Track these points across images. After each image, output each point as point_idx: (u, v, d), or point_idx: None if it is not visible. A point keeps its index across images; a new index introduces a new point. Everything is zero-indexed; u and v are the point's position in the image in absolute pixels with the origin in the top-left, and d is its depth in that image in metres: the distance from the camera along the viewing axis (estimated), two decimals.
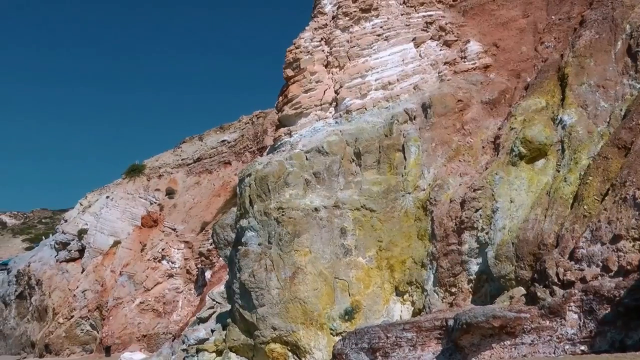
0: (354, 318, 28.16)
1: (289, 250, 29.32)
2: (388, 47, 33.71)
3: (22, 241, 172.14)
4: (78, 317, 77.34)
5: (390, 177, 30.02)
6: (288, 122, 34.01)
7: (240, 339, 30.89)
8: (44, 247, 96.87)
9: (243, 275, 30.08)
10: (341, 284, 28.80)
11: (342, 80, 33.39)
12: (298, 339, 28.63)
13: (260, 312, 29.42)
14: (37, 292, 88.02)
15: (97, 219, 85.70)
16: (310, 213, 29.70)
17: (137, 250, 77.00)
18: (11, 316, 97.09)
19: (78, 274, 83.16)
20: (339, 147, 30.82)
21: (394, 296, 28.72)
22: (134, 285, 72.72)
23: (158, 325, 69.09)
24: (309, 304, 28.54)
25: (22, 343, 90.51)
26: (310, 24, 35.78)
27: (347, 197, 29.85)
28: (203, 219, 73.13)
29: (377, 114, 32.01)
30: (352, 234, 29.36)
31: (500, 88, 31.14)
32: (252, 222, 30.76)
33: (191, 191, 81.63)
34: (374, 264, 28.96)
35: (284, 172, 30.65)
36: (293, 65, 34.43)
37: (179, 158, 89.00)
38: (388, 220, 29.31)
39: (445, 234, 27.56)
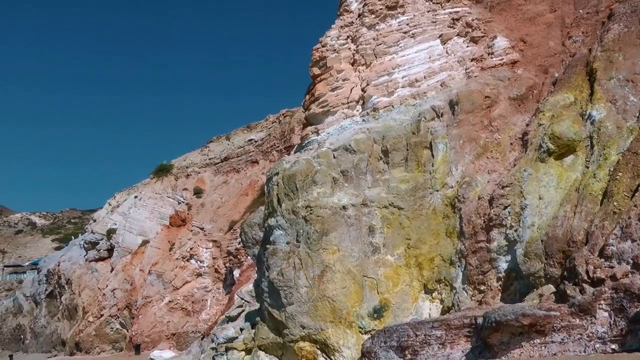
0: (383, 316, 28.08)
1: (317, 249, 29.28)
2: (414, 44, 33.59)
3: (52, 241, 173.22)
4: (108, 315, 77.75)
5: (418, 174, 29.90)
6: (315, 121, 33.97)
7: (269, 338, 30.88)
8: (74, 246, 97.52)
9: (271, 274, 30.07)
10: (370, 282, 28.72)
11: (368, 78, 33.31)
12: (327, 337, 28.57)
13: (289, 310, 29.40)
14: (67, 291, 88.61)
15: (125, 219, 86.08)
16: (338, 211, 29.64)
17: (165, 249, 77.24)
18: (42, 315, 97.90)
19: (107, 273, 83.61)
20: (366, 145, 30.74)
21: (422, 294, 28.61)
22: (163, 284, 72.94)
23: (187, 323, 69.27)
24: (337, 303, 28.49)
25: (53, 341, 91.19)
26: (336, 22, 35.72)
27: (375, 195, 29.76)
28: (231, 218, 73.21)
29: (404, 112, 31.90)
30: (380, 232, 29.26)
31: (527, 84, 30.94)
32: (280, 221, 30.74)
33: (219, 190, 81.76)
34: (403, 262, 28.85)
35: (311, 170, 30.61)
36: (319, 63, 34.38)
37: (206, 157, 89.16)
38: (416, 218, 29.20)
39: (473, 232, 27.41)
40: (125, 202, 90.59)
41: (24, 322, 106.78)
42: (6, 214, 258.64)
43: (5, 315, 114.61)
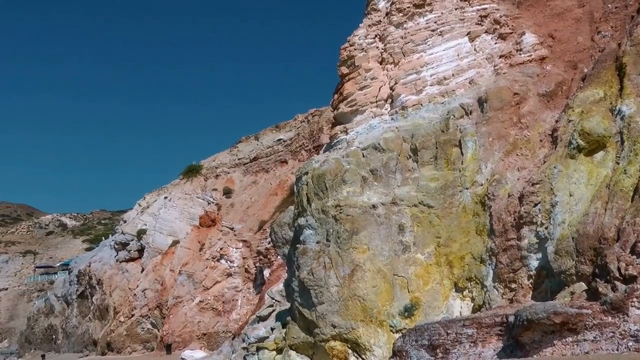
0: (414, 315, 28.05)
1: (347, 248, 29.28)
2: (442, 42, 33.50)
3: (82, 242, 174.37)
4: (139, 315, 78.18)
5: (448, 172, 29.84)
6: (344, 120, 33.97)
7: (300, 337, 30.91)
8: (104, 247, 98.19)
9: (302, 274, 30.11)
10: (400, 281, 28.70)
11: (397, 76, 33.28)
12: (358, 336, 28.56)
13: (319, 309, 29.42)
14: (98, 292, 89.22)
15: (155, 219, 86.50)
16: (368, 210, 29.63)
17: (195, 249, 77.54)
18: (73, 315, 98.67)
19: (138, 274, 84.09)
20: (395, 143, 30.73)
21: (453, 292, 28.54)
22: (194, 284, 73.24)
23: (218, 323, 69.51)
24: (368, 301, 28.47)
25: (85, 341, 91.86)
26: (364, 21, 35.70)
27: (405, 193, 29.73)
28: (260, 217, 73.37)
29: (433, 110, 31.83)
30: (410, 230, 29.24)
31: (556, 80, 30.76)
32: (310, 220, 30.79)
33: (248, 190, 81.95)
34: (433, 260, 28.81)
35: (340, 169, 30.63)
36: (348, 62, 34.37)
37: (235, 158, 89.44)
38: (446, 216, 29.14)
39: (504, 229, 27.30)
40: (155, 203, 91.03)
41: (56, 322, 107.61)
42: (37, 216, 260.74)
43: (37, 316, 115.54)
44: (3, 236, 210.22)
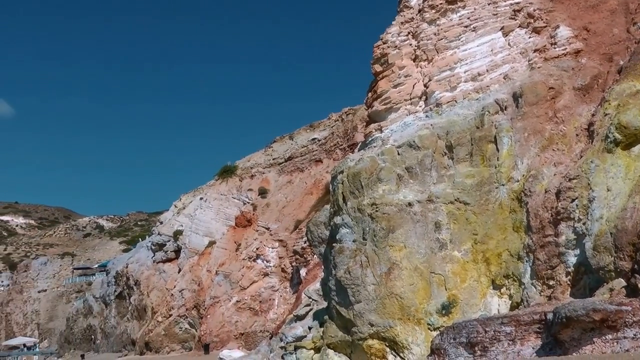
0: (451, 312, 27.97)
1: (384, 246, 29.23)
2: (476, 37, 33.33)
3: (120, 243, 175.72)
4: (176, 315, 78.53)
5: (484, 169, 29.70)
6: (378, 118, 33.93)
7: (338, 336, 30.91)
8: (141, 248, 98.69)
9: (339, 272, 30.11)
10: (437, 279, 28.61)
11: (430, 73, 33.19)
12: (396, 334, 28.51)
13: (356, 308, 29.40)
14: (136, 292, 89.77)
15: (191, 220, 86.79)
16: (404, 208, 29.56)
17: (232, 249, 77.73)
18: (111, 315, 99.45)
19: (175, 274, 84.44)
20: (430, 141, 30.64)
21: (490, 290, 28.40)
22: (230, 284, 73.43)
23: (255, 323, 69.65)
24: (405, 299, 28.42)
25: (123, 341, 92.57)
26: (396, 18, 35.62)
27: (441, 190, 29.64)
28: (296, 217, 73.41)
29: (467, 106, 31.70)
30: (446, 227, 29.14)
31: (592, 73, 30.46)
32: (346, 219, 30.77)
33: (283, 190, 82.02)
34: (470, 257, 28.69)
35: (376, 168, 30.58)
36: (381, 60, 34.32)
37: (270, 158, 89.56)
38: (482, 213, 29.00)
39: (541, 226, 27.09)
40: (191, 204, 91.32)
41: (94, 322, 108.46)
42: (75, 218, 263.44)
43: (76, 316, 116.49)
44: (41, 239, 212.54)
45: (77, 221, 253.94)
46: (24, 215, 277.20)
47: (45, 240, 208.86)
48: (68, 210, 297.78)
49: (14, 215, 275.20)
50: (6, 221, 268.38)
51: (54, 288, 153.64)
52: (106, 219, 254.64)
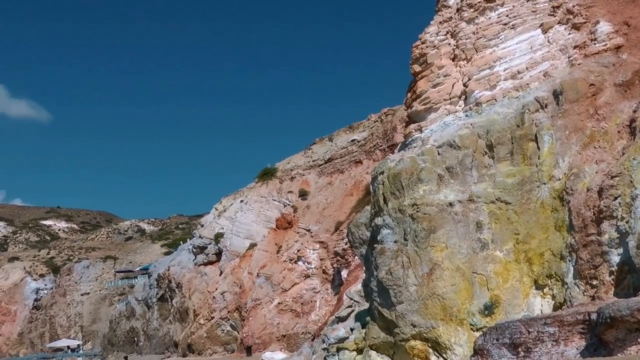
0: (494, 313, 27.80)
1: (425, 247, 29.15)
2: (515, 35, 33.13)
3: (161, 246, 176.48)
4: (218, 318, 78.90)
5: (525, 168, 29.49)
6: (418, 118, 33.87)
7: (380, 337, 30.88)
8: (182, 251, 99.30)
9: (380, 273, 30.08)
10: (479, 279, 28.47)
11: (470, 72, 33.06)
12: (438, 335, 28.43)
13: (399, 309, 29.35)
14: (178, 295, 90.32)
15: (232, 223, 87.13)
16: (445, 208, 29.46)
17: (273, 252, 77.94)
18: (154, 318, 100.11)
19: (216, 277, 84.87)
20: (470, 140, 30.49)
21: (533, 290, 28.17)
22: (272, 286, 73.63)
23: (297, 325, 69.77)
24: (447, 300, 28.32)
25: (166, 343, 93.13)
26: (434, 18, 35.54)
27: (482, 190, 29.49)
28: (337, 218, 73.44)
29: (507, 105, 31.50)
30: (488, 227, 28.97)
31: (633, 68, 30.12)
32: (387, 220, 30.72)
33: (324, 192, 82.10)
34: (512, 257, 28.50)
35: (416, 168, 30.50)
36: (420, 60, 34.25)
37: (310, 159, 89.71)
38: (524, 212, 28.79)
39: (583, 224, 26.84)
40: (232, 207, 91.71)
41: (137, 324, 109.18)
42: (116, 222, 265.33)
43: (119, 319, 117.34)
44: (84, 242, 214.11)
45: (118, 225, 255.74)
46: (67, 220, 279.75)
47: (87, 243, 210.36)
48: (110, 214, 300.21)
49: (57, 219, 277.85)
50: (49, 226, 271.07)
51: (97, 291, 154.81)
52: (147, 222, 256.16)
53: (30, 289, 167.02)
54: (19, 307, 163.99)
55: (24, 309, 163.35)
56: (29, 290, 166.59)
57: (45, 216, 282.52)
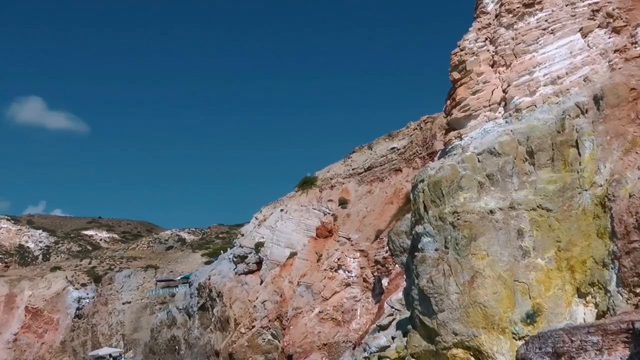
0: (536, 321, 27.56)
1: (466, 254, 29.00)
2: (554, 40, 32.90)
3: (202, 256, 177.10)
4: (259, 327, 78.94)
5: (565, 174, 29.25)
6: (457, 125, 33.74)
7: (422, 345, 30.74)
8: (223, 260, 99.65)
9: (421, 281, 29.97)
10: (521, 287, 28.24)
11: (509, 78, 32.87)
12: (480, 343, 28.25)
13: (440, 317, 29.22)
14: (219, 304, 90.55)
15: (272, 232, 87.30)
16: (486, 216, 29.29)
17: (313, 260, 77.93)
18: (195, 326, 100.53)
19: (257, 286, 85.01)
20: (510, 147, 30.29)
21: (575, 298, 27.89)
22: (312, 295, 73.59)
23: (338, 333, 69.63)
24: (489, 308, 28.14)
25: (207, 352, 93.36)
26: (473, 24, 35.40)
27: (523, 197, 29.28)
28: (377, 227, 73.33)
29: (547, 110, 31.27)
30: (529, 235, 28.74)
31: None
32: (427, 228, 30.61)
33: (363, 200, 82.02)
34: (554, 265, 28.25)
35: (456, 175, 30.37)
36: (459, 67, 34.12)
37: (349, 168, 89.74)
38: (565, 219, 28.53)
39: (626, 231, 26.53)
40: (272, 216, 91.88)
41: (178, 333, 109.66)
42: (157, 231, 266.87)
43: (160, 327, 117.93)
44: (125, 252, 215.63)
45: (159, 234, 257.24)
46: (108, 230, 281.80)
47: (128, 253, 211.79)
48: (150, 224, 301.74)
49: (98, 229, 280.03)
50: (90, 235, 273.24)
51: (138, 300, 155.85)
52: (188, 232, 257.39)
53: (72, 297, 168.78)
54: (62, 316, 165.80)
55: (66, 318, 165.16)
56: (71, 299, 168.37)
57: (86, 226, 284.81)
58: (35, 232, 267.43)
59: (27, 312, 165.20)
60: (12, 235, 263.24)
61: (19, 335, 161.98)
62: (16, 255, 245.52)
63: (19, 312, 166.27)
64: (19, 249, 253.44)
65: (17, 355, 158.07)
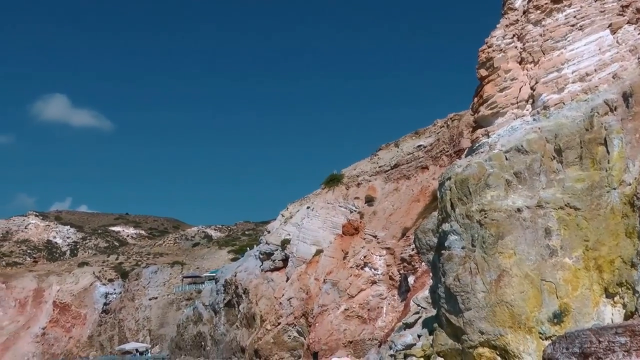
0: (563, 321, 27.31)
1: (493, 253, 28.78)
2: (583, 36, 32.62)
3: (228, 252, 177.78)
4: (285, 324, 79.08)
5: (594, 172, 28.97)
6: (484, 123, 33.54)
7: (448, 344, 30.58)
8: (249, 257, 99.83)
9: (448, 280, 29.80)
10: (548, 286, 27.99)
11: (537, 75, 32.64)
12: (506, 343, 28.03)
13: (466, 316, 29.03)
14: (245, 300, 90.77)
15: (299, 229, 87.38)
16: (513, 214, 29.06)
17: (339, 258, 77.93)
18: (221, 323, 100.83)
19: (283, 283, 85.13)
20: (538, 144, 30.05)
21: (603, 298, 27.60)
22: (338, 293, 73.59)
23: (363, 331, 69.62)
24: (516, 307, 27.91)
25: (233, 348, 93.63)
26: (501, 21, 35.19)
27: (550, 195, 29.03)
28: (403, 224, 73.18)
29: (575, 108, 31.00)
30: (556, 234, 28.48)
31: None
32: (454, 226, 30.42)
33: (390, 198, 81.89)
34: (581, 264, 27.98)
35: (484, 173, 30.17)
36: (486, 64, 33.93)
37: (376, 165, 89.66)
38: (593, 218, 28.26)
39: None
40: (298, 213, 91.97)
41: (204, 329, 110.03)
42: (183, 228, 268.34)
43: (186, 323, 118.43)
44: (152, 248, 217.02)
45: (185, 231, 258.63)
46: (135, 226, 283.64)
47: (155, 249, 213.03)
48: (177, 221, 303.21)
49: (125, 226, 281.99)
50: (117, 232, 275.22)
51: (165, 296, 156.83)
52: (214, 229, 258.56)
53: (99, 293, 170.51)
54: (89, 311, 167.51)
55: (94, 313, 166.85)
56: (98, 295, 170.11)
57: (114, 222, 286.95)
58: (63, 228, 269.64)
59: (55, 307, 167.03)
60: (40, 230, 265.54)
61: (47, 330, 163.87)
62: (44, 251, 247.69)
63: (47, 307, 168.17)
64: (47, 245, 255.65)
65: (45, 348, 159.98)
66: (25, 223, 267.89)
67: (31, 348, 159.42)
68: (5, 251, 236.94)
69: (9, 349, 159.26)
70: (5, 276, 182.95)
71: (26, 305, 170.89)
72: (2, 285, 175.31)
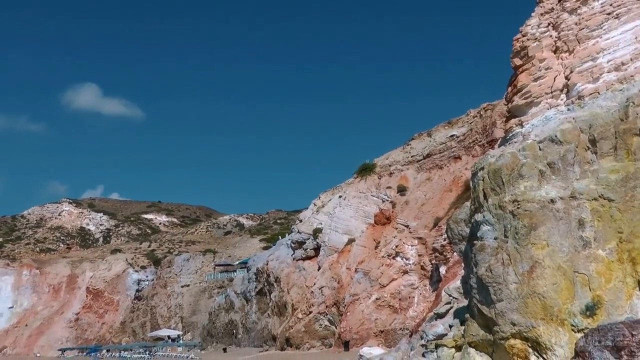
0: (596, 314, 27.00)
1: (526, 244, 28.51)
2: (619, 25, 32.23)
3: (259, 241, 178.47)
4: (316, 312, 79.29)
5: (629, 163, 28.62)
6: (518, 113, 33.27)
7: (479, 335, 30.39)
8: (281, 246, 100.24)
9: (480, 270, 29.59)
10: (581, 278, 27.69)
11: (572, 65, 32.32)
12: (538, 335, 27.78)
13: (498, 307, 28.81)
14: (276, 289, 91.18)
15: (331, 218, 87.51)
16: (546, 205, 28.78)
17: (371, 247, 77.91)
18: (252, 311, 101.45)
19: (314, 272, 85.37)
20: (572, 135, 29.75)
21: (637, 291, 27.22)
22: (370, 282, 73.61)
23: (395, 320, 69.61)
24: (548, 299, 27.64)
25: (264, 336, 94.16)
26: (535, 9, 34.85)
27: (584, 186, 28.73)
28: (435, 214, 73.03)
29: (610, 98, 30.65)
30: (590, 225, 28.16)
31: None
32: (487, 216, 30.20)
33: (422, 187, 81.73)
34: (615, 256, 27.64)
35: (517, 163, 29.91)
36: (521, 53, 33.64)
37: (408, 155, 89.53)
38: (628, 210, 27.89)
39: None
40: (330, 202, 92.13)
41: (236, 317, 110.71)
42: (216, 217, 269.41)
43: (218, 311, 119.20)
44: (184, 236, 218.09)
45: (217, 219, 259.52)
46: (167, 214, 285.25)
47: (187, 237, 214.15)
48: (209, 209, 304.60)
49: (157, 213, 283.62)
50: (150, 219, 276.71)
51: (197, 283, 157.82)
52: (246, 217, 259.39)
53: (132, 280, 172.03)
54: (122, 297, 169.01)
55: (126, 299, 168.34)
56: (130, 281, 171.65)
57: (146, 210, 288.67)
58: (96, 215, 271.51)
59: (89, 293, 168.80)
60: (73, 217, 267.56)
61: (81, 315, 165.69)
62: (77, 238, 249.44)
63: (80, 293, 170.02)
64: (80, 232, 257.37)
65: (78, 334, 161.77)
66: (58, 210, 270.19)
67: (65, 333, 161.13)
68: (39, 237, 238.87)
69: (44, 334, 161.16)
70: (40, 262, 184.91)
71: (60, 291, 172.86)
72: (36, 271, 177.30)
